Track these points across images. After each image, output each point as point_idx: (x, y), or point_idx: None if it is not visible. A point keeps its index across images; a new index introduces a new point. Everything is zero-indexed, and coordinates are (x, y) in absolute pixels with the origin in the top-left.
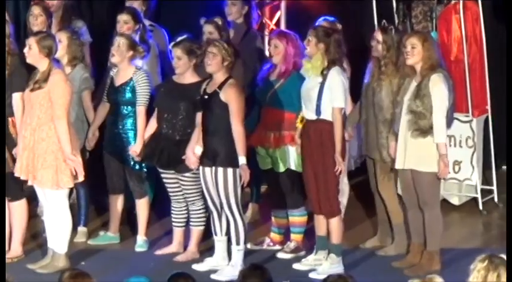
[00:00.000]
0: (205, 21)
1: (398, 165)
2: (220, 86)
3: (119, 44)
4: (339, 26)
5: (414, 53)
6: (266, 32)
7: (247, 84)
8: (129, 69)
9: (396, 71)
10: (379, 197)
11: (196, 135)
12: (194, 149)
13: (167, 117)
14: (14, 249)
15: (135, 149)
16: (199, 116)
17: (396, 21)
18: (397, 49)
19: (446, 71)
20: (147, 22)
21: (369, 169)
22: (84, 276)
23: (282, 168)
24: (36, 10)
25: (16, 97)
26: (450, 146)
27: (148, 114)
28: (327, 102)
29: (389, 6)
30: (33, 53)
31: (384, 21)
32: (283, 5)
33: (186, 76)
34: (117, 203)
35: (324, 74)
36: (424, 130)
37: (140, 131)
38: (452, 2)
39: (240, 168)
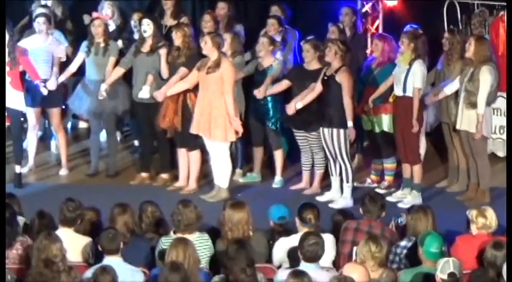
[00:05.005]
0: (332, 25)
1: (457, 126)
2: (336, 71)
3: (263, 42)
4: (421, 31)
5: (470, 49)
6: (369, 35)
7: (355, 71)
8: (269, 59)
9: (460, 60)
10: (453, 149)
11: (304, 95)
12: (297, 103)
13: (298, 92)
14: (191, 184)
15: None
16: (316, 88)
17: (460, 27)
18: (462, 46)
19: (494, 64)
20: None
21: (444, 130)
22: (242, 204)
23: (378, 130)
24: (207, 17)
25: (194, 74)
26: (498, 115)
27: None
28: (411, 83)
29: (455, 16)
30: (208, 46)
31: (451, 26)
32: (380, 16)
33: (312, 63)
34: (259, 152)
35: (410, 64)
36: (473, 103)
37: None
38: (500, 14)
39: (348, 129)
